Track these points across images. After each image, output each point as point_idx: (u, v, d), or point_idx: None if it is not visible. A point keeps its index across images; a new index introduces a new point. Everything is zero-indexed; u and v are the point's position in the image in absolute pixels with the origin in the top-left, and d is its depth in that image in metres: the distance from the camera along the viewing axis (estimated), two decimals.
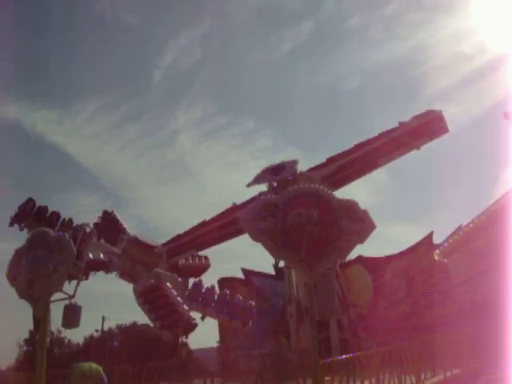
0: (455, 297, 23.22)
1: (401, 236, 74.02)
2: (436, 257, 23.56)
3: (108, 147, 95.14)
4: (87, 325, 39.10)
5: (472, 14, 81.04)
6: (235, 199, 24.80)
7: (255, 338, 26.73)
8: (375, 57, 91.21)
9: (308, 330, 12.65)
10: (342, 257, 15.56)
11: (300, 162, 24.27)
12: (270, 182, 23.60)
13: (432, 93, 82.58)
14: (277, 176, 23.53)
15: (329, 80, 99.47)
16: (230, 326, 23.30)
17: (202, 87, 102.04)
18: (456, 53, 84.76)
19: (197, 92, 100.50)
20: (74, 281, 14.83)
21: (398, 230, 71.26)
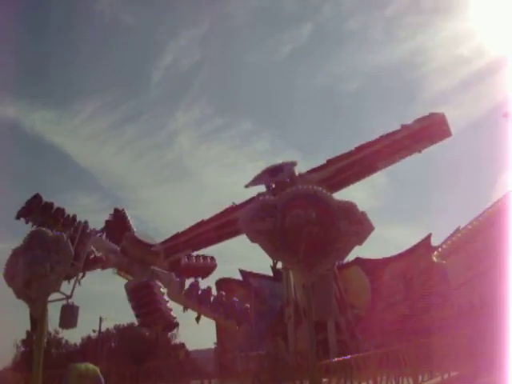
0: (453, 299, 23.15)
1: (399, 238, 74.23)
2: (434, 259, 23.50)
3: (107, 147, 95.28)
4: (84, 325, 39.08)
5: (470, 17, 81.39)
6: (234, 200, 24.72)
7: (253, 340, 26.74)
8: (374, 59, 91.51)
9: (306, 332, 12.63)
10: (341, 258, 15.58)
11: (299, 164, 24.23)
12: (268, 184, 23.58)
13: (430, 95, 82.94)
14: (275, 177, 23.51)
15: (328, 82, 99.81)
16: (225, 325, 23.37)
17: (201, 88, 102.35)
18: (455, 56, 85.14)
19: (196, 93, 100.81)
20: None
21: (397, 232, 71.43)
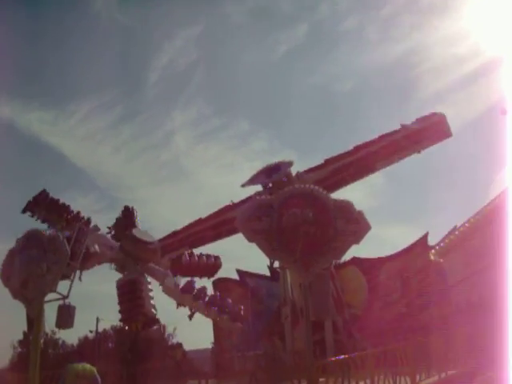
0: (451, 297, 23.14)
1: (396, 237, 73.91)
2: (432, 256, 23.47)
3: (103, 148, 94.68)
4: (81, 326, 38.82)
5: (466, 17, 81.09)
6: (232, 200, 24.58)
7: (250, 340, 26.67)
8: (370, 58, 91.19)
9: (303, 331, 12.62)
10: (338, 257, 15.59)
11: (296, 164, 24.06)
12: (265, 183, 23.48)
13: (426, 95, 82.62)
14: (271, 177, 23.40)
15: (324, 82, 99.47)
16: (220, 321, 23.46)
17: (198, 88, 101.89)
18: (450, 55, 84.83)
19: (192, 93, 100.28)
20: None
21: (394, 232, 71.17)
